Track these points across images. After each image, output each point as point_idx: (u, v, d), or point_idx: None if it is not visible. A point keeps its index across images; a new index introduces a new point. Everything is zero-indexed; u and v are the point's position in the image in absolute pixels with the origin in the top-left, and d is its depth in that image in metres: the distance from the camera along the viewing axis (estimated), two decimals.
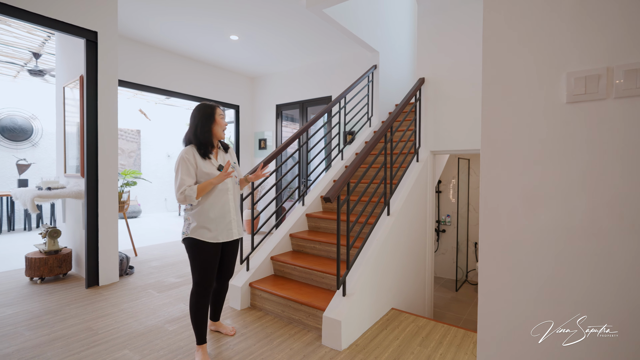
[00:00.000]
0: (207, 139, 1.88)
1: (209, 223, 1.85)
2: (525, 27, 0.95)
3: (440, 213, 5.23)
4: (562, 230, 0.92)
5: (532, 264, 0.96)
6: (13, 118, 6.06)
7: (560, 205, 0.92)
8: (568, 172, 0.90)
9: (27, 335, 2.16)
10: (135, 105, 7.80)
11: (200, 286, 1.87)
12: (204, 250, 1.85)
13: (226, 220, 1.91)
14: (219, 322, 2.24)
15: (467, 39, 3.16)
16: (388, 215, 2.72)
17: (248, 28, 4.04)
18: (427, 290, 3.41)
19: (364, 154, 2.36)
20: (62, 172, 3.69)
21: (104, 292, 2.90)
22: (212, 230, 1.85)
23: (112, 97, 3.11)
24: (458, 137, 3.22)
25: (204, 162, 1.86)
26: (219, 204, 1.88)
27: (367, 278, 2.30)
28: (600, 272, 0.87)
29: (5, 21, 3.91)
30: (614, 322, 0.86)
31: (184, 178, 1.78)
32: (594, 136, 0.87)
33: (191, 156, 1.83)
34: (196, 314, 1.87)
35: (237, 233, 1.99)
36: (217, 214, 1.87)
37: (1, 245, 4.74)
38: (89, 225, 3.01)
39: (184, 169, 1.79)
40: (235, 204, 1.98)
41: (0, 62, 5.32)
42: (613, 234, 0.85)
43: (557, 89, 0.91)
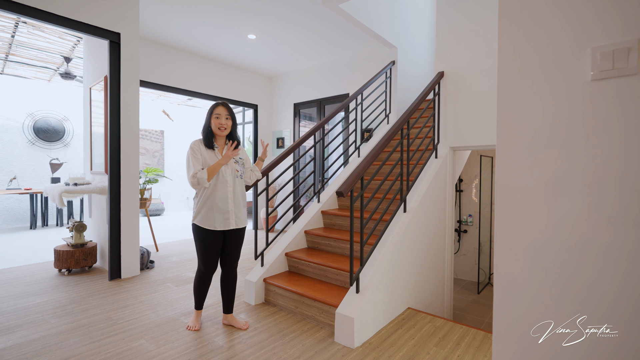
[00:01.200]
0: (207, 133, 2.09)
1: (208, 212, 2.03)
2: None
3: (462, 213, 5.06)
4: (586, 220, 0.84)
5: (552, 257, 0.89)
6: (47, 120, 6.41)
7: (584, 193, 0.84)
8: (593, 156, 0.83)
9: (53, 322, 2.25)
10: (159, 107, 8.06)
11: (201, 268, 2.13)
12: (204, 237, 2.05)
13: (224, 210, 2.05)
14: (231, 315, 2.27)
15: (488, 30, 3.04)
16: (405, 212, 2.65)
17: (265, 26, 4.07)
18: (447, 291, 3.30)
19: (380, 146, 2.31)
20: (88, 169, 3.86)
21: (125, 285, 3.00)
22: (210, 219, 2.03)
23: (134, 96, 3.21)
24: (479, 132, 3.09)
25: (207, 153, 2.05)
26: (218, 195, 2.04)
27: (382, 275, 2.24)
28: (630, 265, 0.79)
29: (39, 27, 4.14)
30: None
31: (195, 164, 1.99)
32: (623, 116, 0.79)
33: (197, 147, 2.05)
34: (196, 288, 2.19)
35: (234, 223, 2.10)
36: (216, 203, 2.03)
37: (35, 239, 5.02)
38: (112, 220, 3.12)
39: (192, 156, 2.00)
40: (235, 196, 2.10)
41: (36, 67, 5.65)
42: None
43: (580, 66, 0.83)
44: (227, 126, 2.08)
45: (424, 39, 5.21)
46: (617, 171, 0.80)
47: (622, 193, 0.80)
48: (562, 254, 0.88)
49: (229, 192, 2.07)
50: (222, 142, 2.14)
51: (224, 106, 2.09)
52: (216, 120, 2.06)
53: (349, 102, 3.72)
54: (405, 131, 2.71)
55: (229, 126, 2.10)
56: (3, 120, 5.95)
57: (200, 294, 2.20)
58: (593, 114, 0.82)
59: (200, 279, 2.16)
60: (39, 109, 6.33)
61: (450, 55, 3.28)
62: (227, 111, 2.09)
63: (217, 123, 2.06)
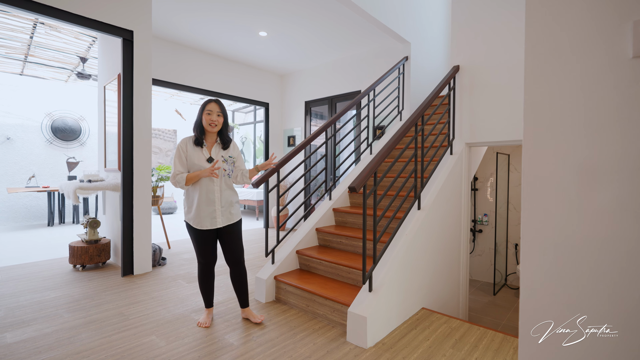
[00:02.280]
0: (197, 130, 2.07)
1: (196, 210, 2.03)
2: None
3: (477, 212, 4.92)
4: (626, 212, 0.77)
5: (586, 253, 0.82)
6: (64, 119, 6.55)
7: (625, 182, 0.77)
8: (635, 142, 0.75)
9: (66, 317, 2.27)
10: (171, 106, 8.16)
11: (199, 263, 2.17)
12: (194, 234, 2.08)
13: (210, 209, 2.04)
14: (247, 309, 2.26)
15: (505, 23, 2.93)
16: (419, 209, 2.57)
17: (276, 23, 4.04)
18: (462, 291, 3.20)
19: (393, 142, 2.24)
20: (102, 167, 3.91)
21: (138, 281, 3.01)
22: (197, 217, 2.04)
23: (147, 93, 3.23)
24: (496, 127, 2.99)
25: (194, 152, 2.04)
26: (204, 193, 2.03)
27: (395, 274, 2.17)
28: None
29: (56, 27, 4.22)
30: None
31: (177, 165, 2.02)
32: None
33: (185, 146, 2.05)
34: (201, 283, 2.20)
35: (221, 222, 2.08)
36: (201, 202, 2.03)
37: (52, 235, 5.13)
38: (125, 217, 3.14)
39: (177, 157, 2.04)
40: (222, 195, 2.08)
41: (54, 68, 5.79)
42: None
43: (620, 42, 0.76)
44: (217, 123, 2.06)
45: (437, 34, 5.09)
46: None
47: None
48: (598, 250, 0.80)
49: (215, 190, 2.06)
50: (212, 139, 2.12)
51: (216, 102, 2.07)
52: (207, 117, 2.03)
53: (360, 98, 3.65)
54: (419, 127, 2.63)
55: (219, 123, 2.07)
56: (22, 120, 6.12)
57: (206, 290, 2.19)
58: (634, 94, 0.75)
59: (202, 272, 2.17)
60: (57, 109, 6.48)
61: (466, 48, 3.18)
62: (219, 108, 2.07)
63: (208, 119, 2.03)
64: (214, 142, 2.12)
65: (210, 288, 2.21)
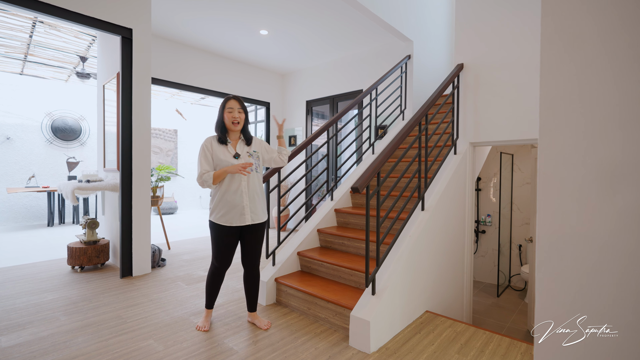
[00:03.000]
0: (219, 128, 2.05)
1: (222, 207, 1.98)
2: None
3: (480, 212, 4.86)
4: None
5: (608, 257, 0.76)
6: (64, 119, 6.52)
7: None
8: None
9: (63, 320, 2.23)
10: (172, 106, 8.12)
11: (215, 263, 2.08)
12: (219, 233, 2.01)
13: (238, 205, 1.99)
14: (254, 314, 2.23)
15: (511, 20, 2.87)
16: (422, 210, 2.52)
17: (277, 22, 3.99)
18: (466, 293, 3.14)
19: (397, 141, 2.19)
20: (101, 167, 3.87)
21: (136, 283, 2.97)
22: (224, 214, 1.98)
23: (146, 92, 3.19)
24: (501, 127, 2.93)
25: (220, 149, 2.01)
26: (232, 190, 1.98)
27: (399, 276, 2.12)
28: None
29: (56, 26, 4.18)
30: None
31: (203, 164, 1.97)
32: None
33: (209, 144, 2.02)
34: (209, 284, 2.12)
35: (250, 219, 2.03)
36: (230, 198, 1.98)
37: (52, 236, 5.10)
38: (123, 218, 3.10)
39: (202, 156, 1.99)
40: (250, 191, 2.03)
41: (54, 67, 5.75)
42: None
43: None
44: (240, 120, 2.03)
45: (440, 32, 5.04)
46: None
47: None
48: (621, 253, 0.75)
49: (243, 186, 2.01)
50: (235, 137, 2.09)
51: (235, 99, 2.04)
52: (229, 114, 2.01)
53: (362, 97, 3.60)
54: (422, 126, 2.58)
55: (242, 120, 2.05)
56: (22, 120, 6.09)
57: (212, 291, 2.14)
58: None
59: (213, 275, 2.11)
60: (57, 109, 6.45)
61: (470, 46, 3.13)
62: (239, 104, 2.04)
63: (230, 117, 2.01)
64: (237, 139, 2.09)
65: (216, 290, 2.15)
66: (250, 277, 2.17)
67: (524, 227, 4.58)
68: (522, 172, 4.64)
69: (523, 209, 4.60)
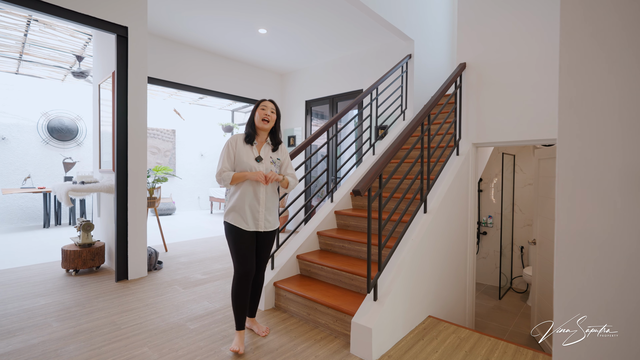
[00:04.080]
0: (250, 125, 2.02)
1: (240, 209, 1.92)
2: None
3: (481, 214, 4.81)
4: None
5: (635, 265, 0.70)
6: (61, 119, 6.44)
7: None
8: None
9: (55, 326, 2.16)
10: (170, 106, 8.04)
11: (237, 272, 1.92)
12: (235, 236, 1.92)
13: (254, 211, 1.94)
14: (253, 319, 2.16)
15: (515, 18, 2.82)
16: (425, 212, 2.46)
17: (276, 21, 3.93)
18: (468, 297, 3.09)
19: (399, 142, 2.13)
20: (97, 168, 3.80)
21: (132, 287, 2.90)
22: (242, 217, 1.92)
23: (142, 91, 3.12)
24: (505, 127, 2.87)
25: (244, 149, 1.96)
26: (250, 194, 1.93)
27: (402, 281, 2.06)
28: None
29: (51, 24, 4.11)
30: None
31: (225, 162, 1.94)
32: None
33: (234, 142, 1.98)
34: (235, 299, 1.92)
35: (263, 226, 1.97)
36: (247, 202, 1.92)
37: (47, 237, 5.02)
38: (119, 220, 3.03)
39: (225, 154, 1.95)
40: (267, 198, 1.98)
41: (50, 67, 5.68)
42: None
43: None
44: (270, 118, 2.00)
45: (441, 31, 4.98)
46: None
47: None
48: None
49: (261, 193, 1.95)
50: (263, 138, 2.04)
51: (270, 101, 2.04)
52: (261, 112, 1.99)
53: (362, 97, 3.54)
54: (425, 126, 2.52)
55: (272, 119, 2.01)
56: (18, 120, 6.01)
57: (240, 307, 1.91)
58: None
59: (239, 285, 1.90)
60: (53, 109, 6.37)
61: (473, 45, 3.07)
62: (273, 106, 2.04)
63: (261, 114, 1.98)
64: (264, 141, 2.04)
65: (246, 304, 1.93)
66: (256, 281, 2.09)
67: (526, 228, 4.53)
68: (524, 172, 4.59)
69: (525, 210, 4.54)
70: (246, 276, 1.91)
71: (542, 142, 2.74)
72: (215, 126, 8.82)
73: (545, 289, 3.08)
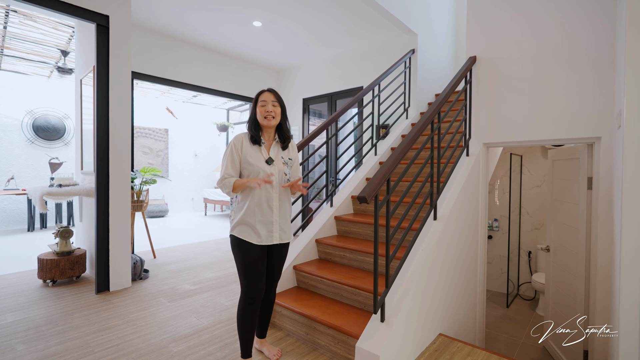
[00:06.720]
0: (252, 125, 1.76)
1: (249, 220, 1.67)
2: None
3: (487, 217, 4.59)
4: None
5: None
6: (47, 118, 6.16)
7: None
8: None
9: (19, 350, 1.90)
10: (163, 104, 7.77)
11: (245, 292, 1.68)
12: (244, 251, 1.67)
13: (267, 220, 1.70)
14: (264, 340, 1.92)
15: (531, 5, 2.59)
16: (435, 219, 2.23)
17: (272, 12, 3.69)
18: (479, 309, 2.86)
19: (408, 142, 1.89)
20: (79, 169, 3.54)
21: (113, 300, 2.64)
22: (252, 229, 1.67)
23: (125, 87, 2.87)
24: (518, 126, 2.65)
25: (251, 150, 1.71)
26: (262, 201, 1.68)
27: (412, 298, 1.83)
28: None
29: (31, 16, 3.84)
30: None
31: (228, 167, 1.69)
32: None
33: (239, 143, 1.72)
34: (241, 322, 1.69)
35: (278, 238, 1.74)
36: (258, 211, 1.68)
37: (30, 242, 4.74)
38: (99, 226, 2.77)
39: (229, 157, 1.70)
40: (281, 205, 1.74)
41: (34, 63, 5.39)
42: None
43: None
44: (275, 113, 1.71)
45: (446, 25, 4.76)
46: None
47: None
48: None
49: (274, 199, 1.70)
50: (270, 136, 1.77)
51: (269, 91, 1.73)
52: (262, 108, 1.71)
53: (363, 94, 3.31)
54: (435, 125, 2.29)
55: (277, 114, 1.73)
56: (1, 118, 5.72)
57: (246, 330, 1.70)
58: None
59: (245, 307, 1.68)
60: (39, 107, 6.08)
61: (484, 37, 2.84)
62: (274, 96, 1.73)
63: (262, 111, 1.70)
64: (272, 139, 1.78)
65: (253, 329, 1.72)
66: (266, 299, 1.85)
67: (534, 232, 4.32)
68: (531, 174, 4.37)
69: (532, 213, 4.33)
70: (255, 297, 1.67)
71: (561, 142, 2.52)
72: (210, 125, 8.55)
73: (561, 299, 2.86)
